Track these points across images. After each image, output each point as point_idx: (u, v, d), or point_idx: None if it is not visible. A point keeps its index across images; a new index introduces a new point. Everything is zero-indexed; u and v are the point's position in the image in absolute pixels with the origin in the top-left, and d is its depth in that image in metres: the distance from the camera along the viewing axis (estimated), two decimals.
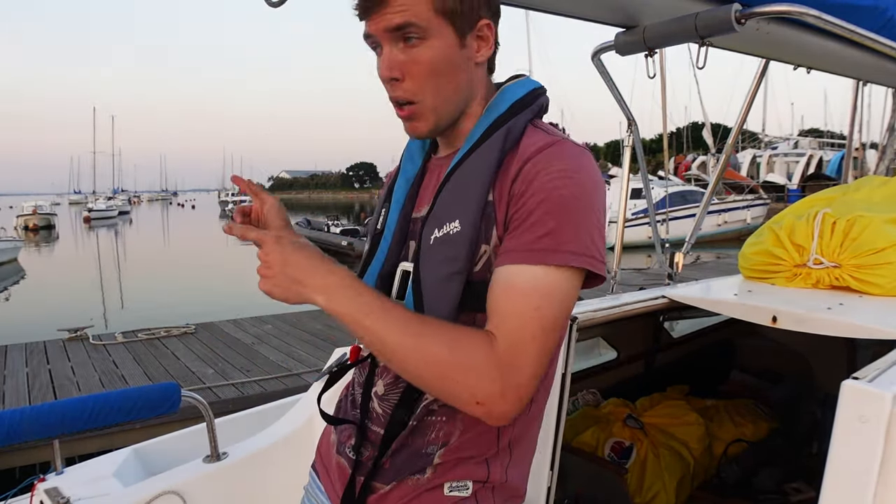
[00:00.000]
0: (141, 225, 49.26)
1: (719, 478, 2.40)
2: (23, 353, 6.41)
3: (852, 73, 2.64)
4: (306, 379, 5.41)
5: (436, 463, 0.95)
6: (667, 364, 2.94)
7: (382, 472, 0.97)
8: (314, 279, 0.86)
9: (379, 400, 1.00)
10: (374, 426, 1.00)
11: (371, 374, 1.03)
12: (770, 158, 31.20)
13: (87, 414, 1.47)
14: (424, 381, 0.84)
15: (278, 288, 0.86)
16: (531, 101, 0.97)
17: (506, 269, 0.86)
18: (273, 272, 0.86)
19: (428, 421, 0.96)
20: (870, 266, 1.94)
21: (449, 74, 0.93)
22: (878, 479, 1.09)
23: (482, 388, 0.81)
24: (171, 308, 11.21)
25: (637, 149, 2.51)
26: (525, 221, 0.86)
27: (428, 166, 1.06)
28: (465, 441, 0.95)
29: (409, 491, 0.96)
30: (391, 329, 0.83)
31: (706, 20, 1.60)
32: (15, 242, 21.43)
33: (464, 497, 0.95)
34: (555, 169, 0.86)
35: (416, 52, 0.91)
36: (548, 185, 0.85)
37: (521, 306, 0.83)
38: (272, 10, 1.15)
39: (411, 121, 0.96)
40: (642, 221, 13.04)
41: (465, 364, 0.81)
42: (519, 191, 0.88)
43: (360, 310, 0.84)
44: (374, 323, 0.83)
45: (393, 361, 0.85)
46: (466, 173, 0.93)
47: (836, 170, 26.30)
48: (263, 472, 1.75)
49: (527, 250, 0.84)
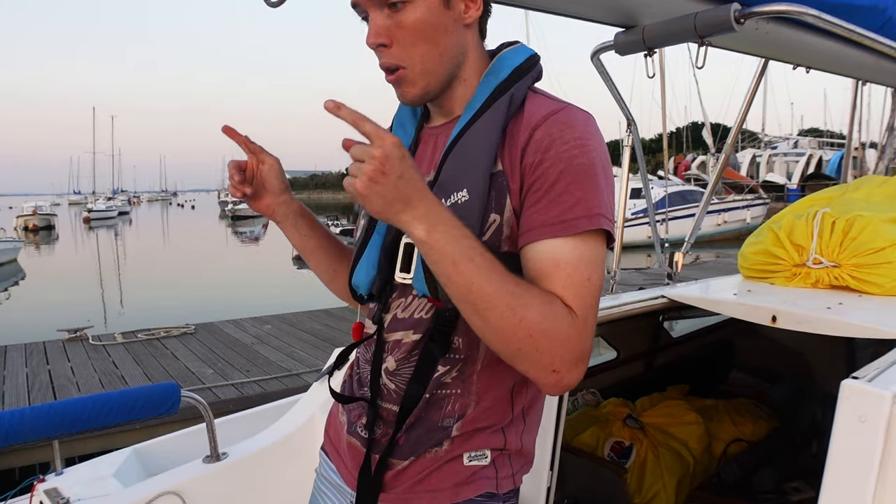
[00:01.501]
0: (141, 225, 49.26)
1: (719, 477, 2.40)
2: (22, 353, 6.40)
3: (852, 72, 2.64)
4: (306, 379, 5.41)
5: (453, 435, 0.96)
6: (666, 364, 2.94)
7: (398, 448, 0.98)
8: (422, 205, 0.78)
9: (390, 376, 1.00)
10: (386, 403, 1.00)
11: (379, 351, 1.02)
12: (770, 158, 31.22)
13: (87, 414, 1.47)
14: (504, 340, 0.82)
15: (381, 199, 0.76)
16: (530, 67, 0.98)
17: (545, 244, 0.85)
18: (384, 179, 0.75)
19: (441, 394, 0.96)
20: (869, 266, 1.94)
21: (436, 37, 0.92)
22: (877, 478, 1.09)
23: (562, 358, 0.82)
24: (170, 308, 11.20)
25: (636, 148, 2.51)
26: (549, 192, 0.86)
27: (421, 136, 1.05)
28: (480, 412, 0.96)
29: (429, 464, 0.97)
30: (489, 280, 0.80)
31: (705, 20, 1.60)
32: (15, 243, 21.41)
33: (483, 465, 0.97)
34: (570, 137, 0.87)
35: (400, 16, 0.90)
36: (565, 155, 0.86)
37: (577, 279, 0.84)
38: (271, 10, 1.15)
39: (400, 86, 0.95)
40: (642, 221, 13.02)
41: (553, 333, 0.81)
42: (534, 160, 0.88)
43: (464, 252, 0.79)
44: (473, 270, 0.79)
45: (477, 313, 0.81)
46: (471, 141, 0.93)
47: (835, 169, 26.30)
48: (263, 472, 1.75)
49: (561, 223, 0.85)
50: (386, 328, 1.01)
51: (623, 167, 2.58)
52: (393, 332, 1.00)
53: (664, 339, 2.98)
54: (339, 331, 7.31)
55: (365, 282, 1.02)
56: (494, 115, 0.93)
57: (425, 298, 0.94)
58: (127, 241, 34.13)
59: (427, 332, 0.96)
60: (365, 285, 1.02)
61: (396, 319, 0.99)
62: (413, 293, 0.97)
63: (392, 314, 1.00)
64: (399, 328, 0.99)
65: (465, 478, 0.97)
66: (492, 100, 0.94)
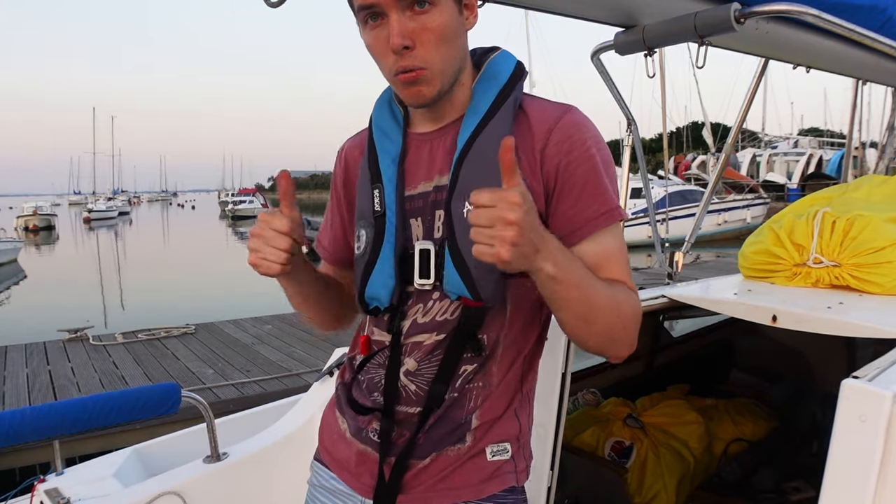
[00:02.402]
0: (141, 225, 49.25)
1: (719, 477, 2.41)
2: (23, 353, 6.40)
3: (852, 72, 2.64)
4: (306, 379, 5.40)
5: (474, 427, 0.98)
6: (667, 363, 2.94)
7: (417, 447, 0.98)
8: (548, 247, 0.82)
9: (410, 377, 1.00)
10: (403, 406, 1.00)
11: (396, 355, 1.01)
12: (770, 157, 31.17)
13: (88, 415, 1.47)
14: (604, 335, 0.92)
15: (520, 254, 0.78)
16: (521, 72, 1.02)
17: (595, 237, 0.95)
18: (523, 240, 0.77)
19: (466, 390, 0.98)
20: (870, 265, 1.94)
21: (454, 41, 0.94)
22: (877, 478, 1.09)
23: (637, 331, 0.95)
24: (171, 308, 11.20)
25: (637, 148, 2.50)
26: (584, 190, 0.94)
27: (409, 143, 1.03)
28: (497, 396, 0.99)
29: (452, 462, 0.98)
30: (599, 292, 0.89)
31: (705, 20, 1.60)
32: (15, 243, 21.40)
33: (505, 460, 1.00)
34: (586, 137, 0.95)
35: (426, 18, 0.90)
36: (586, 155, 0.94)
37: (624, 262, 0.97)
38: (271, 10, 1.15)
39: (417, 85, 0.93)
40: (642, 221, 13.03)
41: (635, 315, 0.94)
42: (559, 161, 0.94)
43: (583, 276, 0.88)
44: (590, 287, 0.88)
45: (587, 321, 0.90)
46: (486, 145, 0.94)
47: (835, 169, 26.26)
48: (264, 472, 1.75)
49: (602, 215, 0.95)
50: (405, 334, 1.01)
51: (623, 167, 2.57)
52: (412, 336, 1.00)
53: (664, 339, 2.98)
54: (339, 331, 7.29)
55: (384, 293, 1.00)
56: (504, 119, 0.95)
57: (459, 300, 0.95)
58: (127, 241, 34.13)
59: (451, 331, 0.97)
60: (386, 297, 1.01)
61: (416, 324, 1.00)
62: (433, 297, 0.98)
63: (411, 320, 1.00)
64: (420, 332, 0.99)
65: (490, 473, 0.99)
66: (498, 104, 0.96)
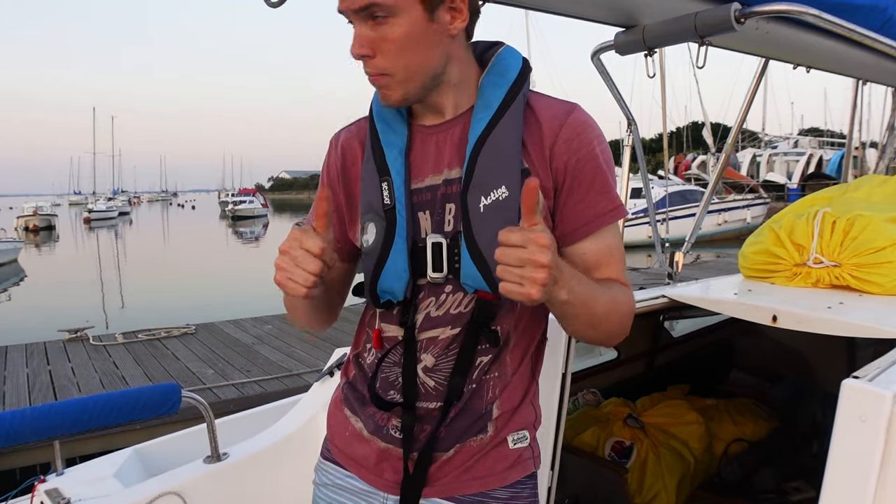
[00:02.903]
0: (141, 225, 49.26)
1: (720, 477, 2.41)
2: (23, 353, 6.40)
3: (852, 72, 2.64)
4: (306, 379, 5.40)
5: (495, 417, 1.01)
6: (667, 364, 2.94)
7: (440, 440, 1.00)
8: (564, 277, 0.85)
9: (429, 373, 1.01)
10: (423, 402, 1.01)
11: (411, 351, 1.02)
12: (770, 157, 31.16)
13: (88, 415, 1.47)
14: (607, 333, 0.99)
15: (546, 291, 0.81)
16: (528, 68, 1.03)
17: (599, 234, 0.99)
18: (550, 277, 0.80)
19: (484, 381, 1.00)
20: (870, 265, 1.94)
21: (417, 49, 0.94)
22: (877, 478, 1.09)
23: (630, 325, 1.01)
24: (171, 308, 11.20)
25: (637, 148, 2.50)
26: (592, 188, 0.97)
27: (415, 135, 1.04)
28: (514, 386, 1.02)
29: (475, 452, 1.00)
30: (602, 301, 0.94)
31: (705, 19, 1.60)
32: (15, 243, 21.40)
33: (525, 447, 1.04)
34: (593, 136, 0.98)
35: (383, 29, 0.92)
36: (593, 153, 0.98)
37: (621, 259, 1.02)
38: (271, 10, 1.15)
39: (382, 89, 0.98)
40: (642, 221, 13.01)
41: (630, 311, 1.00)
42: (569, 160, 0.97)
43: (589, 294, 0.91)
44: (594, 300, 0.93)
45: (592, 327, 0.96)
46: (501, 138, 0.96)
47: (836, 169, 26.25)
48: (264, 472, 1.75)
49: (608, 213, 0.99)
50: (419, 328, 1.01)
51: (623, 167, 2.57)
52: (426, 331, 1.01)
53: (665, 339, 2.98)
54: (339, 331, 7.28)
55: (399, 287, 1.00)
56: (516, 113, 0.97)
57: (475, 293, 0.97)
58: (127, 241, 34.12)
59: (465, 325, 0.99)
60: (400, 290, 1.01)
61: (430, 318, 1.01)
62: (446, 290, 0.99)
63: (424, 314, 1.01)
64: (434, 325, 1.00)
65: (513, 461, 1.02)
66: (509, 99, 0.97)
